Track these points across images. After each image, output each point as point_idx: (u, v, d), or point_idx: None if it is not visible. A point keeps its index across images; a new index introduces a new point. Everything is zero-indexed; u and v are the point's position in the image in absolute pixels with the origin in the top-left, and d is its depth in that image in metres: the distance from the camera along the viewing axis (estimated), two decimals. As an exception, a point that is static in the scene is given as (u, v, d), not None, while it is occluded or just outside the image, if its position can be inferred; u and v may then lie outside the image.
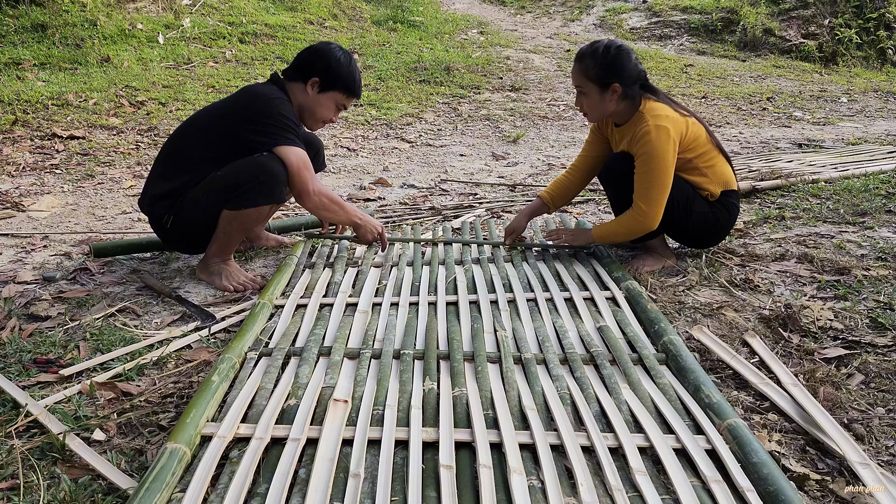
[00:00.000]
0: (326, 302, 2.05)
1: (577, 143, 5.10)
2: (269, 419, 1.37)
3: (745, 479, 1.21)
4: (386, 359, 1.65)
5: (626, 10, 10.41)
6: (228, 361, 1.59)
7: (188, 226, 2.22)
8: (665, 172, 2.16)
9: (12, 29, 6.38)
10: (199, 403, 1.38)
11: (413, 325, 1.87)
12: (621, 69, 2.17)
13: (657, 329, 1.79)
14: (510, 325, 1.86)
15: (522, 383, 1.56)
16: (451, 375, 1.57)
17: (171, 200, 2.21)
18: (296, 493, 1.17)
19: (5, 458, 1.33)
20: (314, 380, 1.57)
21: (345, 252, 2.49)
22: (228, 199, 2.15)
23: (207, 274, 2.30)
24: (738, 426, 1.33)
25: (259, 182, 2.11)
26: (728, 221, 2.36)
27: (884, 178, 3.59)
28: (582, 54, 2.23)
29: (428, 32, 9.05)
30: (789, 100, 7.07)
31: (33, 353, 1.78)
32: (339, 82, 2.25)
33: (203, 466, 1.22)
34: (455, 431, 1.34)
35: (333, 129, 5.27)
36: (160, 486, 1.13)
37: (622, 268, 2.25)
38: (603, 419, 1.41)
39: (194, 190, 2.18)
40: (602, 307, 2.00)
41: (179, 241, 2.31)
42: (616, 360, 1.66)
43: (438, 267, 2.35)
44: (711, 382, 1.51)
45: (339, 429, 1.34)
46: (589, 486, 1.19)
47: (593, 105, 2.24)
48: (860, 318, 1.93)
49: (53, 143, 4.36)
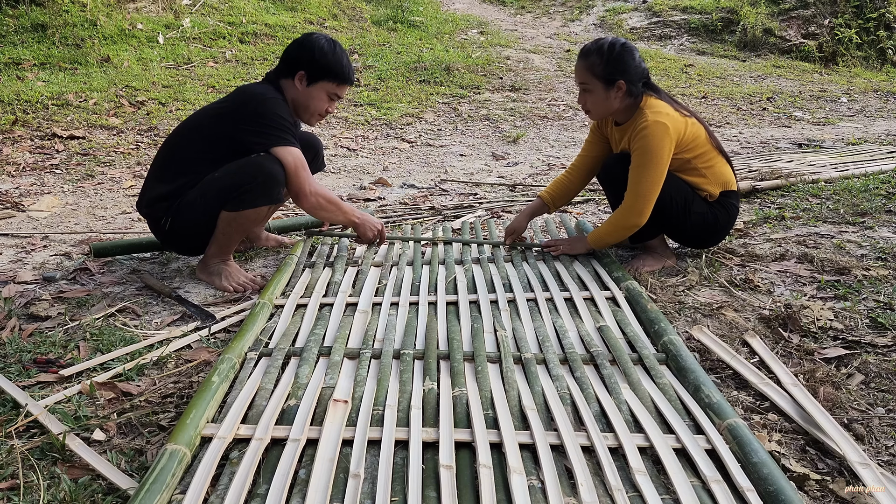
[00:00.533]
0: (326, 302, 2.05)
1: (577, 143, 5.10)
2: (269, 420, 1.37)
3: (745, 479, 1.21)
4: (386, 359, 1.65)
5: (626, 10, 10.40)
6: (228, 362, 1.59)
7: (186, 227, 2.22)
8: (657, 169, 2.15)
9: (12, 29, 6.38)
10: (199, 404, 1.38)
11: (413, 324, 1.87)
12: (626, 66, 2.17)
13: (657, 329, 1.79)
14: (510, 325, 1.86)
15: (522, 383, 1.56)
16: (451, 375, 1.57)
17: (169, 202, 2.21)
18: (296, 494, 1.17)
19: (5, 458, 1.33)
20: (314, 380, 1.56)
21: (345, 252, 2.49)
22: (227, 200, 2.14)
23: (207, 274, 2.29)
24: (738, 426, 1.33)
25: (257, 183, 2.11)
26: (727, 222, 2.36)
27: (884, 178, 3.59)
28: (587, 51, 2.22)
29: (428, 32, 9.05)
30: (789, 100, 7.07)
31: (33, 353, 1.78)
32: (326, 72, 2.22)
33: (203, 467, 1.22)
34: (455, 431, 1.34)
35: (333, 128, 5.27)
36: (160, 488, 1.13)
37: (622, 268, 2.25)
38: (603, 419, 1.41)
39: (192, 192, 2.18)
40: (602, 307, 1.99)
41: (178, 242, 2.31)
42: (616, 360, 1.66)
43: (438, 267, 2.35)
44: (711, 382, 1.51)
45: (339, 429, 1.34)
46: (589, 486, 1.19)
47: (597, 102, 2.23)
48: (860, 318, 1.93)
49: (53, 143, 4.36)
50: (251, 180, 2.11)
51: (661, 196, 2.22)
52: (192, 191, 2.18)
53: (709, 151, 2.27)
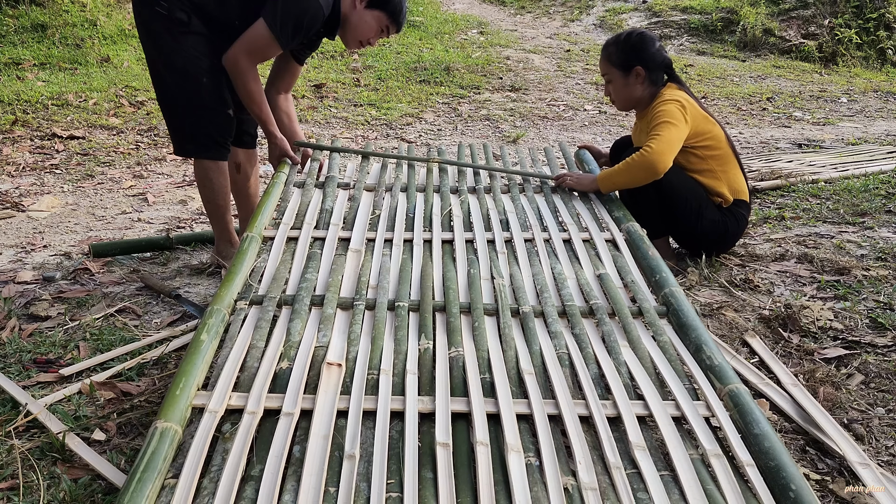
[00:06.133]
0: (318, 235, 1.93)
1: (577, 143, 5.10)
2: (261, 388, 1.31)
3: (746, 454, 1.19)
4: (380, 312, 1.58)
5: (626, 11, 10.40)
6: (217, 314, 1.48)
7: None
8: (676, 126, 2.13)
9: (12, 29, 6.38)
10: (189, 371, 1.30)
11: (408, 269, 1.78)
12: (643, 52, 2.22)
13: (658, 279, 1.72)
14: (507, 272, 1.79)
15: (520, 341, 1.51)
16: (447, 333, 1.52)
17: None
18: (290, 477, 1.13)
19: (5, 458, 1.33)
20: (307, 337, 1.49)
21: (336, 172, 2.32)
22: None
23: (222, 258, 2.39)
24: (739, 392, 1.29)
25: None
26: (736, 231, 2.36)
27: (884, 178, 3.59)
28: (606, 43, 2.31)
29: (428, 32, 9.05)
30: (789, 100, 7.07)
31: (33, 353, 1.78)
32: (388, 3, 2.17)
33: (195, 447, 1.16)
34: (451, 401, 1.30)
35: (334, 128, 5.27)
36: (152, 476, 1.08)
37: (623, 206, 2.15)
38: (601, 383, 1.38)
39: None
40: (602, 251, 1.90)
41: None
42: (616, 314, 1.61)
43: (433, 195, 2.22)
44: (713, 343, 1.46)
45: (333, 400, 1.29)
46: (588, 464, 1.16)
47: (619, 90, 2.28)
48: (860, 318, 1.93)
49: (53, 143, 4.36)
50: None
51: (676, 196, 2.23)
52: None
53: (727, 154, 2.30)
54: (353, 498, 1.09)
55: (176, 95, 2.16)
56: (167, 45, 2.10)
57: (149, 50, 2.16)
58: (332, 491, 1.10)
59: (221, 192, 2.29)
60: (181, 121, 2.20)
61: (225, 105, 2.20)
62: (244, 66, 2.12)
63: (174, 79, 2.13)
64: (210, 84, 2.15)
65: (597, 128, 5.53)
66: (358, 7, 2.17)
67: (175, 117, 2.22)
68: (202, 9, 2.10)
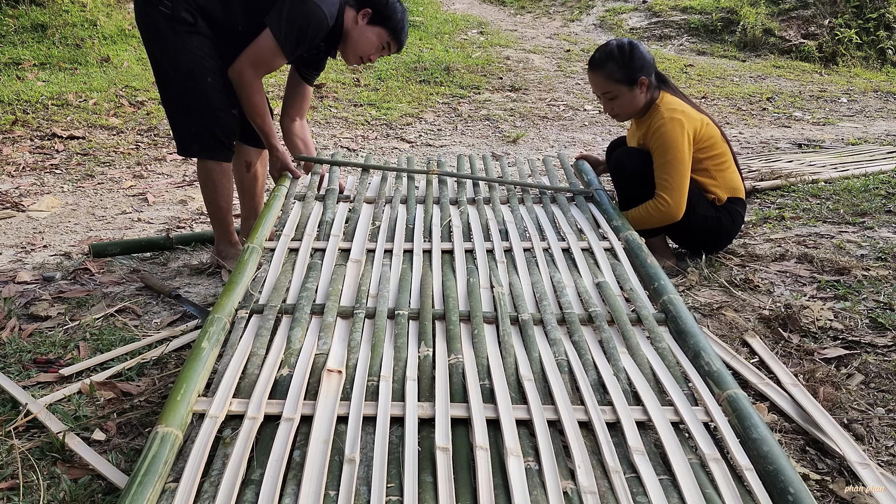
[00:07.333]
0: (318, 246, 1.95)
1: (577, 144, 5.10)
2: (261, 394, 1.32)
3: (745, 458, 1.19)
4: (380, 320, 1.59)
5: (626, 11, 10.40)
6: (218, 323, 1.50)
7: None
8: (682, 161, 2.18)
9: (12, 29, 6.38)
10: (189, 376, 1.31)
11: (407, 278, 1.79)
12: (642, 61, 2.22)
13: (657, 287, 1.73)
14: (506, 280, 1.80)
15: (520, 348, 1.51)
16: (446, 340, 1.53)
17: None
18: (290, 481, 1.13)
19: (5, 458, 1.33)
20: (307, 344, 1.50)
21: (335, 185, 2.33)
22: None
23: (222, 258, 2.38)
24: (737, 397, 1.30)
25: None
26: (731, 228, 2.36)
27: (884, 178, 3.59)
28: (598, 61, 2.25)
29: (428, 32, 9.05)
30: (789, 100, 7.06)
31: (33, 353, 1.78)
32: (389, 20, 2.18)
33: (196, 452, 1.17)
34: (451, 406, 1.31)
35: (333, 128, 5.27)
36: (152, 480, 1.08)
37: (621, 215, 2.16)
38: (601, 389, 1.39)
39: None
40: (601, 260, 1.92)
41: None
42: (615, 321, 1.62)
43: (433, 206, 2.24)
44: (712, 349, 1.47)
45: (333, 405, 1.30)
46: (587, 468, 1.16)
47: (625, 104, 2.27)
48: (860, 318, 1.93)
49: (53, 143, 4.36)
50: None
51: None
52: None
53: (724, 154, 2.30)
54: (353, 501, 1.09)
55: (181, 95, 2.16)
56: (172, 44, 2.10)
57: (153, 50, 2.16)
58: (333, 494, 1.11)
59: (224, 193, 2.29)
60: (186, 121, 2.20)
61: (230, 105, 2.20)
62: (249, 78, 2.14)
63: (179, 79, 2.13)
64: (215, 84, 2.14)
65: (597, 128, 5.53)
66: (360, 22, 2.18)
67: (180, 117, 2.21)
68: (207, 12, 2.10)
